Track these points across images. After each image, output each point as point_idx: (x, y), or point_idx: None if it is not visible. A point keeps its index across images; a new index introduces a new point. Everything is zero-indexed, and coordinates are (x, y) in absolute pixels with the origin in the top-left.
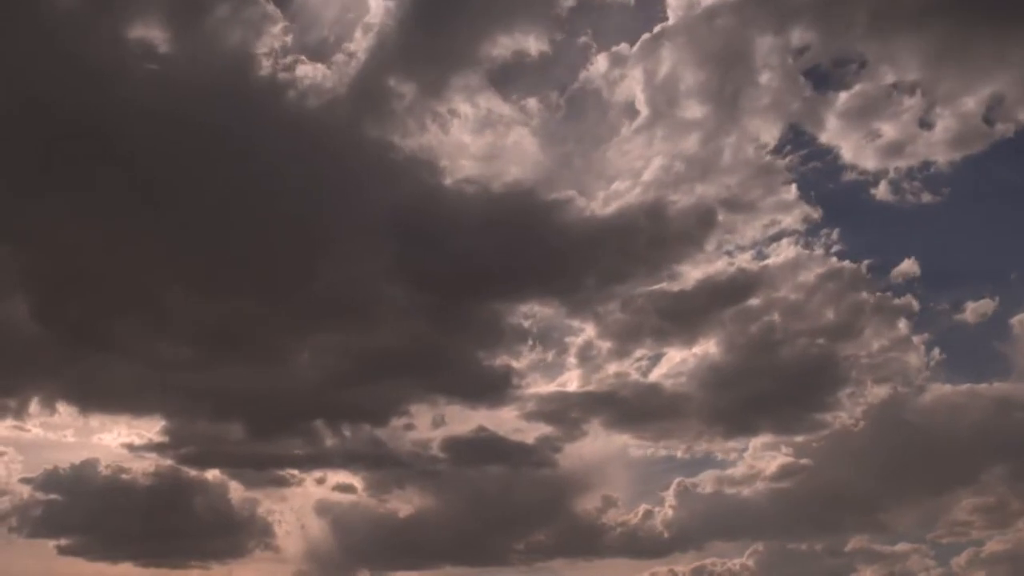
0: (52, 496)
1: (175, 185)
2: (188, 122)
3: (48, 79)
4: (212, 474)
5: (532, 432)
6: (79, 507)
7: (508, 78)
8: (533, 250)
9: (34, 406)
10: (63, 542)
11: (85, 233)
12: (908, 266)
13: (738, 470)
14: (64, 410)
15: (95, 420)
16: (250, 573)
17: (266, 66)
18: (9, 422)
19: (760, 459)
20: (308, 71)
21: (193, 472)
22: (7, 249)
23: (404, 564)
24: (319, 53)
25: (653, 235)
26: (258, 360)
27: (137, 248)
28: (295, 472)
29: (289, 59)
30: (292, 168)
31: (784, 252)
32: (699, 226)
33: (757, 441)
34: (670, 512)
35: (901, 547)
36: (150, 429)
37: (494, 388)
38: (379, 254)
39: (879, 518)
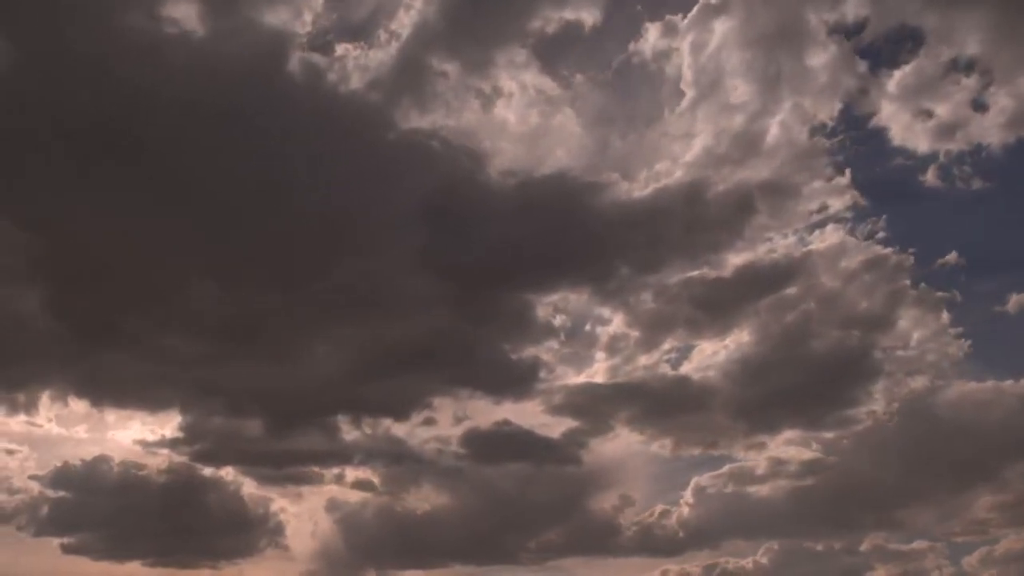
0: (62, 493)
1: (196, 174)
2: (214, 108)
3: (70, 66)
4: (226, 471)
5: (557, 427)
6: (88, 505)
7: (555, 53)
8: (566, 236)
9: (46, 401)
10: (69, 540)
11: (102, 223)
12: (952, 256)
13: (760, 467)
14: (77, 406)
15: (108, 416)
16: (260, 572)
17: (303, 47)
18: (21, 417)
19: (784, 456)
20: (347, 51)
21: (207, 469)
22: (26, 236)
23: (412, 563)
24: (360, 32)
25: (692, 220)
26: (277, 354)
27: (155, 238)
28: (314, 468)
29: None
30: (319, 155)
31: (828, 239)
32: (740, 210)
33: (782, 437)
34: (687, 510)
35: (917, 544)
36: (165, 425)
37: (519, 381)
38: (405, 243)
39: (897, 515)
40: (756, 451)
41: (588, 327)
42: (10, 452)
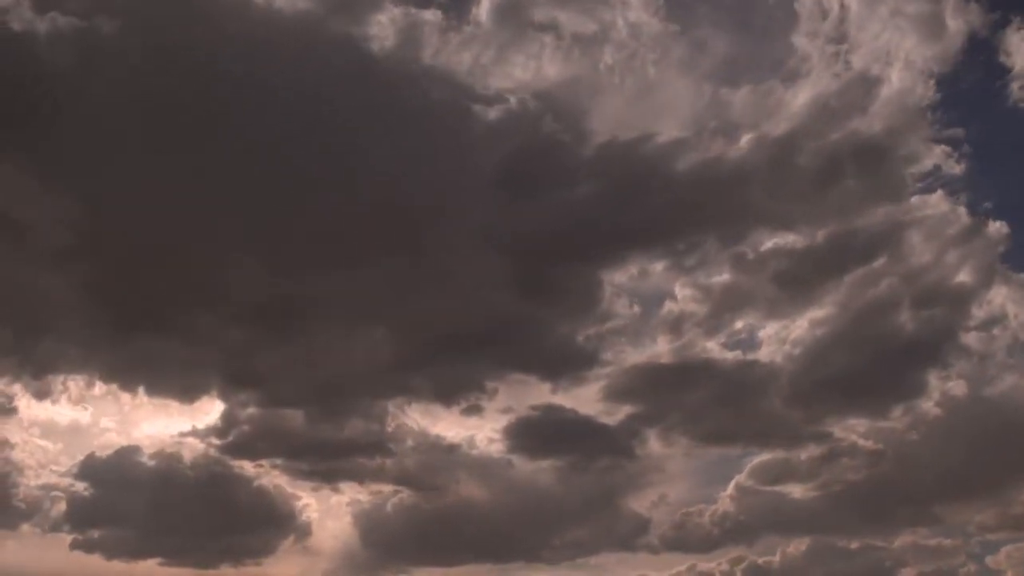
0: (81, 486)
1: (248, 150)
2: (266, 81)
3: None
4: (259, 464)
5: (614, 414)
6: (108, 499)
7: None
8: (641, 203)
9: (74, 387)
10: (81, 536)
11: (152, 199)
12: None
13: (811, 461)
14: (107, 392)
15: (140, 404)
16: (282, 570)
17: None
18: (47, 404)
19: (839, 448)
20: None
21: (240, 462)
22: (80, 209)
23: (433, 560)
24: None
25: (782, 182)
26: (320, 340)
27: (196, 217)
28: (356, 460)
29: None
30: (368, 124)
31: (929, 207)
32: (835, 173)
33: (842, 426)
34: (726, 506)
35: (951, 542)
36: (199, 415)
37: (578, 365)
38: (466, 217)
39: (935, 511)
40: (811, 443)
41: (656, 305)
42: (32, 441)
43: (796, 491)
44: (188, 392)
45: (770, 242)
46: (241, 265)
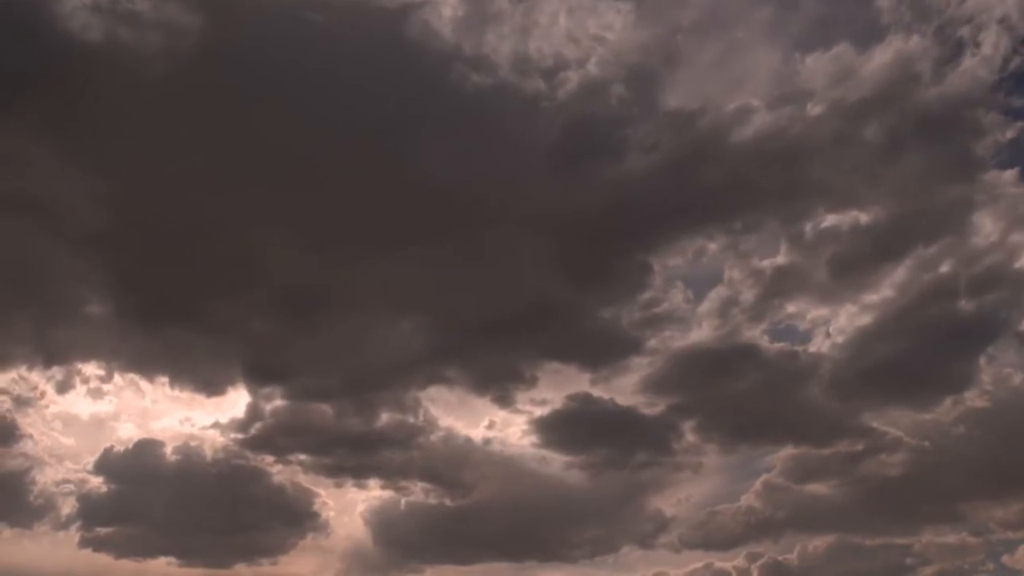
0: (97, 480)
1: (285, 132)
2: (308, 63)
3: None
4: (283, 459)
5: (653, 406)
6: (124, 495)
7: None
8: (694, 180)
9: (96, 379)
10: (91, 534)
11: (173, 183)
12: None
13: (843, 453)
14: (127, 383)
15: (162, 395)
16: (295, 568)
17: None
18: (68, 396)
19: (878, 443)
20: None
21: (262, 457)
22: (110, 192)
23: (448, 558)
24: None
25: (846, 157)
26: (350, 331)
27: (223, 201)
28: (383, 454)
29: None
30: (412, 100)
31: (1002, 186)
32: (904, 147)
33: (884, 419)
34: (754, 500)
35: (974, 539)
36: (222, 408)
37: (616, 351)
38: (509, 196)
39: (960, 508)
40: (848, 439)
41: (705, 289)
42: (51, 435)
43: (826, 488)
44: (213, 384)
45: (829, 221)
46: (273, 252)
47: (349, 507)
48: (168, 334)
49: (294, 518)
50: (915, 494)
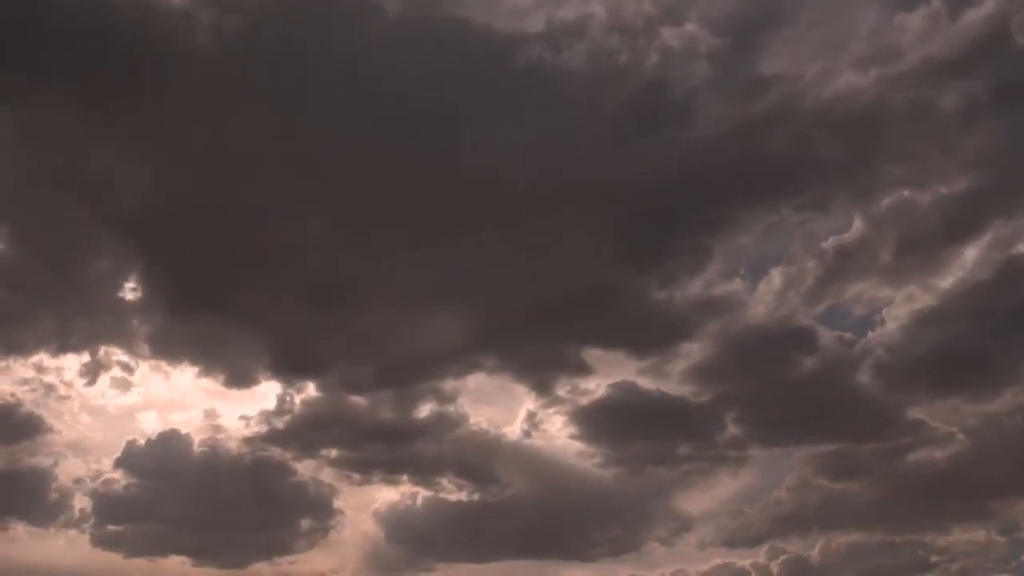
0: (121, 475)
1: (321, 119)
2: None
3: None
4: (311, 454)
5: (701, 394)
6: (141, 490)
7: None
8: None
9: (116, 366)
10: (102, 532)
11: (215, 169)
12: None
13: (886, 448)
14: (151, 372)
15: (187, 387)
16: (313, 566)
17: None
18: (92, 385)
19: (924, 437)
20: None
21: (285, 451)
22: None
23: (465, 557)
24: None
25: (921, 125)
26: (383, 321)
27: (261, 190)
28: (411, 446)
29: None
30: (465, 83)
31: None
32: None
33: (933, 411)
34: (783, 496)
35: (999, 538)
36: (251, 400)
37: (665, 337)
38: (552, 176)
39: (990, 505)
40: (893, 432)
41: (762, 271)
42: (75, 427)
43: (858, 485)
44: (244, 375)
45: (899, 195)
46: (312, 240)
47: (369, 504)
48: (200, 322)
49: (315, 515)
50: (948, 491)
